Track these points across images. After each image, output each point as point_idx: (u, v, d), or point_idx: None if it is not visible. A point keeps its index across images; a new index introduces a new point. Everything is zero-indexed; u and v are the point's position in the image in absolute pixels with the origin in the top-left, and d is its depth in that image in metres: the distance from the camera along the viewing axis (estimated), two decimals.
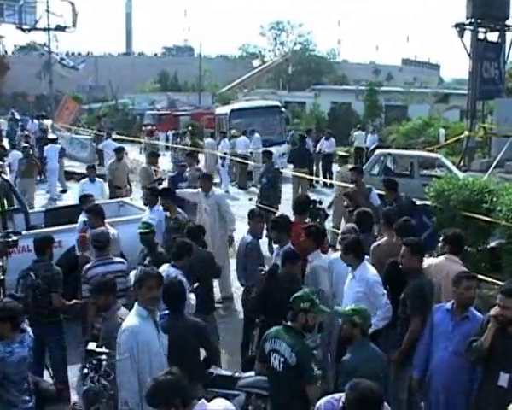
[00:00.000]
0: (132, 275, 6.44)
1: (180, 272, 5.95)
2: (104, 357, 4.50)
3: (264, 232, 10.99)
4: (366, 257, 5.91)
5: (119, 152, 13.92)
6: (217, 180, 19.95)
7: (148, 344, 4.46)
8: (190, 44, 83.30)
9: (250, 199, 13.53)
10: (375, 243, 6.70)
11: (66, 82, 39.73)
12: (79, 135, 26.72)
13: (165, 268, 6.06)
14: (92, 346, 4.58)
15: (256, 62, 43.41)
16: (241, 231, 7.77)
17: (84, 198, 8.76)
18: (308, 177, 14.48)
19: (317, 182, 19.32)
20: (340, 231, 7.67)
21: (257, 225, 7.36)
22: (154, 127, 29.90)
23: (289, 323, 4.64)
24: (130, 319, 4.58)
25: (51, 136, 21.87)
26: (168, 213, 8.54)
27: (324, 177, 19.53)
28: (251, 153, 19.40)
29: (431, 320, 5.08)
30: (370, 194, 9.76)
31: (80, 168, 18.66)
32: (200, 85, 52.70)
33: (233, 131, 20.80)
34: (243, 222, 8.19)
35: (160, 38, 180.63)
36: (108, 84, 49.77)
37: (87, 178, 11.80)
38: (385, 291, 5.64)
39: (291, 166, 16.29)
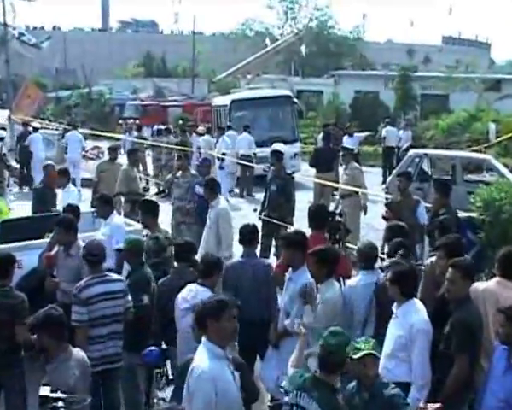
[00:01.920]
0: None
1: (209, 291, 6.07)
2: (61, 404, 4.36)
3: (273, 250, 11.11)
4: None
5: (113, 150, 13.65)
6: None
7: (227, 391, 4.42)
8: (154, 19, 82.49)
9: (255, 209, 13.55)
10: (430, 260, 6.82)
11: (27, 63, 39.97)
12: (44, 129, 26.83)
13: (192, 288, 6.27)
14: (45, 391, 4.40)
15: (267, 42, 43.56)
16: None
17: (68, 209, 8.43)
18: (334, 185, 14.37)
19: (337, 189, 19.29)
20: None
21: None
22: (137, 121, 30.05)
23: (320, 374, 4.58)
24: (204, 360, 4.46)
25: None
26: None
27: None
28: (254, 154, 19.47)
29: (491, 359, 5.13)
30: (418, 207, 9.62)
31: None
32: (194, 70, 52.97)
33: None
34: None
35: (144, 10, 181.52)
36: (80, 67, 50.11)
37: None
38: (428, 348, 5.45)
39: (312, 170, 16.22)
